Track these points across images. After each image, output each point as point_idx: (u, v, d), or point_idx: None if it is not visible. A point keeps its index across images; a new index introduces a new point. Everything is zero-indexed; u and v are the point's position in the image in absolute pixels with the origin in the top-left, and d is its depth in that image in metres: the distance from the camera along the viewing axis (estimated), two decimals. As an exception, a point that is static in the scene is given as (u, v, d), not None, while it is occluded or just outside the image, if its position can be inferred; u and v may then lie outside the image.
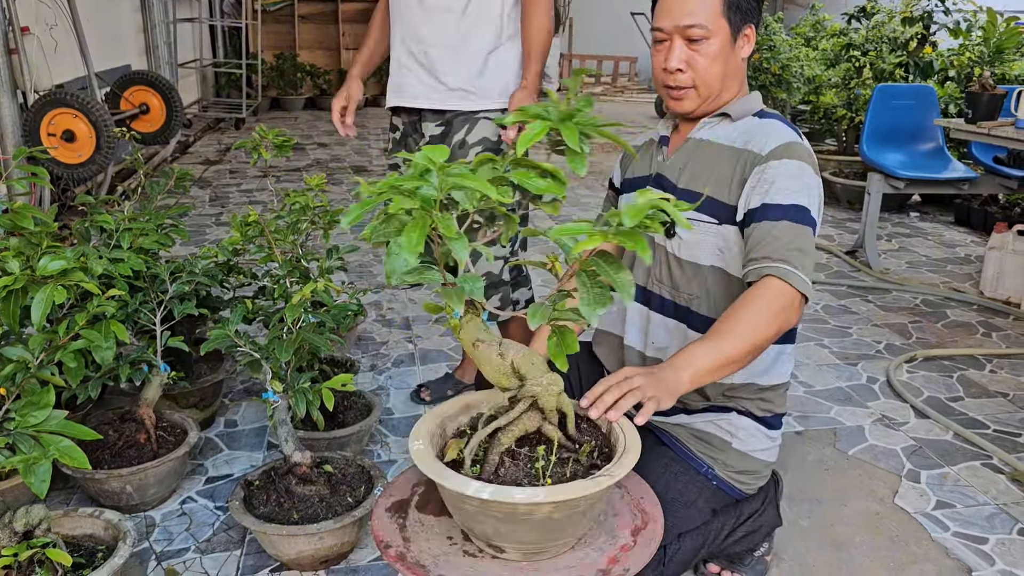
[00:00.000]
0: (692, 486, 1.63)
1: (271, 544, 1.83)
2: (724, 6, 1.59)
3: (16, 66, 3.89)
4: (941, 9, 5.45)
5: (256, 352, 1.95)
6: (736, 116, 1.67)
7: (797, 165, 1.53)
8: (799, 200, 1.50)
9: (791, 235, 1.47)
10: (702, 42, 1.59)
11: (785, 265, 1.44)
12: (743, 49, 1.65)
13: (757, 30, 1.66)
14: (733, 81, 1.66)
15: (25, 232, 2.01)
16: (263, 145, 2.52)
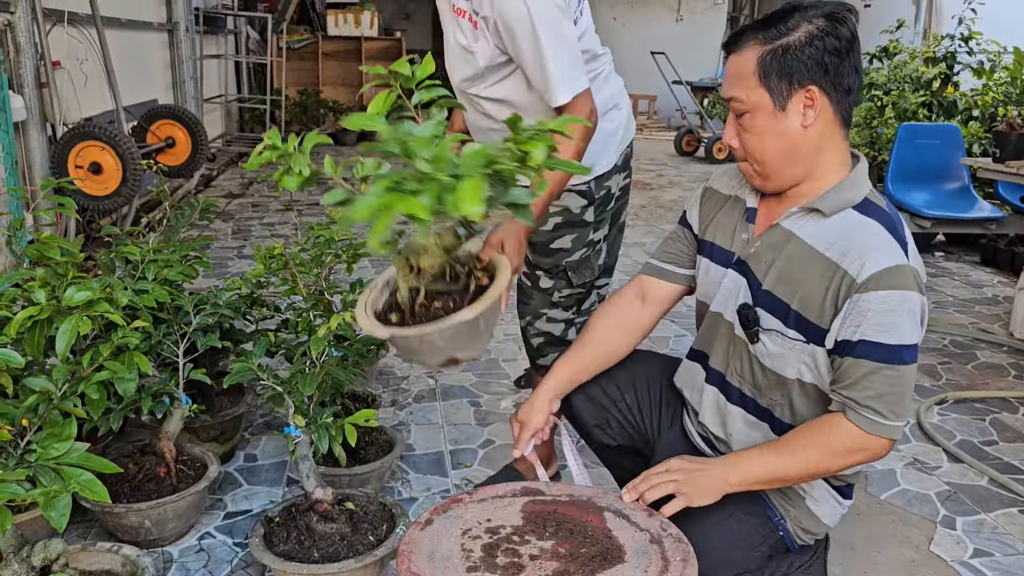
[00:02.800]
0: (762, 530, 1.57)
1: None
2: (759, 73, 1.42)
3: (47, 99, 3.95)
4: (964, 50, 5.44)
5: (279, 386, 1.93)
6: (830, 211, 1.45)
7: (898, 296, 1.36)
8: (896, 339, 1.37)
9: (881, 378, 1.39)
10: (744, 116, 1.46)
11: (869, 414, 1.40)
12: (804, 116, 1.42)
13: (837, 90, 1.42)
14: (800, 155, 1.45)
15: (51, 262, 2.01)
16: (295, 158, 2.52)
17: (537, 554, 1.37)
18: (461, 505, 1.50)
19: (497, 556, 1.35)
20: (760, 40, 1.42)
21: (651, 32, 12.70)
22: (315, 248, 2.47)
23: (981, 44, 5.48)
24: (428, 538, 1.39)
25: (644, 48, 10.97)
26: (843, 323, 1.41)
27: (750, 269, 1.56)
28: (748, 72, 1.43)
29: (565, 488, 1.57)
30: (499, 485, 1.56)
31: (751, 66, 1.42)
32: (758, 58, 1.42)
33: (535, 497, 1.53)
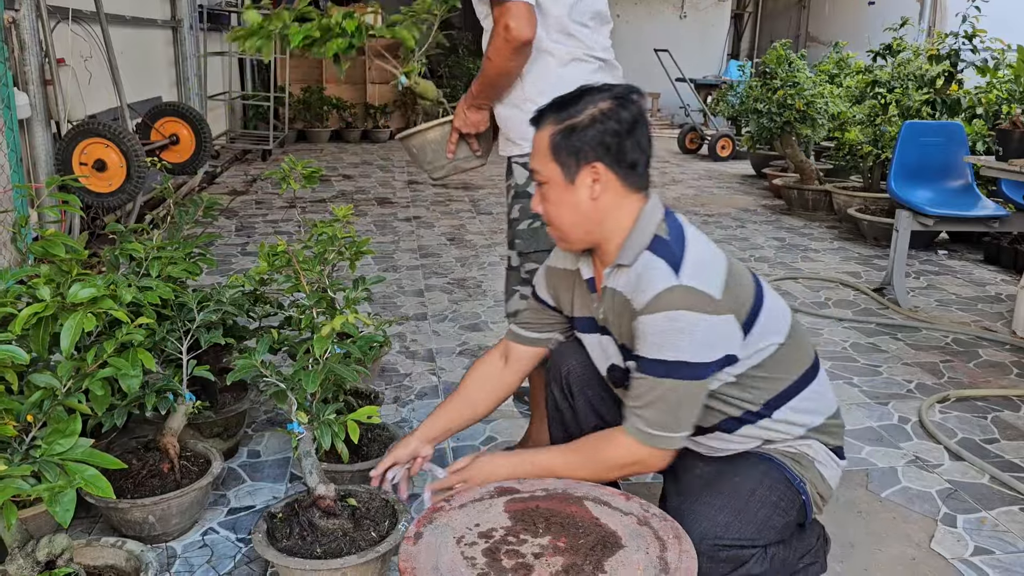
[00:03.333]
0: (789, 494, 1.66)
1: None
2: (550, 148, 1.56)
3: (51, 97, 3.96)
4: (968, 47, 5.43)
5: (282, 383, 1.94)
6: (631, 261, 1.59)
7: (664, 317, 1.50)
8: (670, 355, 1.51)
9: (654, 392, 1.53)
10: (543, 186, 1.61)
11: (642, 425, 1.55)
12: (591, 189, 1.56)
13: (620, 164, 1.55)
14: (592, 222, 1.59)
15: (56, 259, 2.02)
16: (292, 176, 2.54)
17: (539, 552, 1.38)
18: (444, 513, 1.50)
19: (501, 559, 1.35)
20: (553, 120, 1.58)
21: (654, 29, 12.69)
22: (318, 245, 2.48)
23: (985, 42, 5.46)
24: (424, 552, 1.39)
25: (647, 45, 10.97)
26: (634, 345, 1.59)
27: (608, 331, 1.73)
28: (543, 148, 1.58)
29: (537, 483, 1.61)
30: (467, 492, 1.58)
31: (545, 143, 1.58)
32: (550, 136, 1.57)
33: (512, 496, 1.56)
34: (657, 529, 1.46)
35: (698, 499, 1.60)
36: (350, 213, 2.61)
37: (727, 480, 1.64)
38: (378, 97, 10.40)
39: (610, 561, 1.37)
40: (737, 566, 1.54)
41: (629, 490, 1.99)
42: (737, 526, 1.55)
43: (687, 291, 1.50)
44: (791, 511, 1.65)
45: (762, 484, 1.63)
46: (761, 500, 1.60)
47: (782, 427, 1.70)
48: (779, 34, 12.19)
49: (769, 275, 4.72)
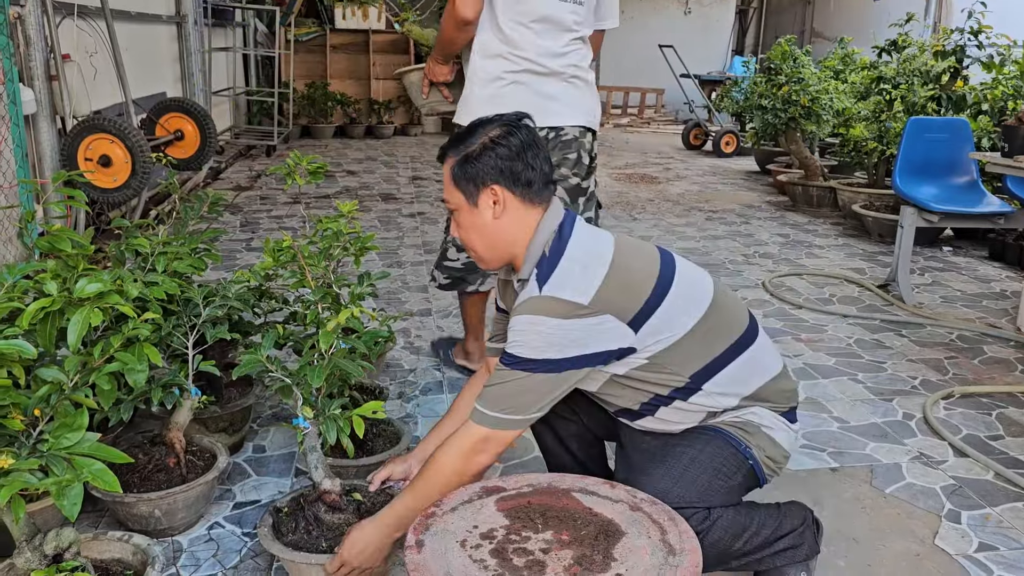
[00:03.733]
0: (732, 461, 1.74)
1: (298, 573, 1.81)
2: (452, 178, 1.75)
3: (56, 92, 3.96)
4: (974, 43, 5.41)
5: (287, 378, 1.95)
6: (527, 276, 1.73)
7: (523, 320, 1.64)
8: (521, 352, 1.64)
9: (500, 380, 1.66)
10: (454, 213, 1.78)
11: (480, 406, 1.67)
12: (492, 210, 1.73)
13: (516, 183, 1.71)
14: (500, 240, 1.75)
15: (62, 254, 2.03)
16: (297, 171, 2.54)
17: (546, 547, 1.38)
18: (437, 519, 1.50)
19: (511, 558, 1.35)
20: (452, 153, 1.76)
21: (659, 25, 12.67)
22: (323, 241, 2.48)
23: (991, 38, 5.44)
24: (432, 559, 1.37)
25: (652, 41, 10.96)
26: None
27: None
28: (447, 179, 1.76)
29: (520, 479, 1.64)
30: (455, 495, 1.61)
31: (448, 174, 1.76)
32: (450, 168, 1.75)
33: (501, 494, 1.57)
34: (650, 513, 1.51)
35: (642, 471, 1.71)
36: (355, 209, 2.61)
37: (669, 450, 1.75)
38: (382, 93, 10.39)
39: (617, 549, 1.40)
40: None
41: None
42: (677, 491, 1.65)
43: (546, 299, 1.65)
44: (736, 475, 1.74)
45: (703, 452, 1.73)
46: (702, 466, 1.71)
47: (717, 399, 1.78)
48: (784, 30, 12.17)
49: (773, 271, 4.71)
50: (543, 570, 1.32)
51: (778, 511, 1.82)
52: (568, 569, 1.33)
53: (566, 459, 2.05)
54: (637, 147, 10.25)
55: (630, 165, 8.81)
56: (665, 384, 1.75)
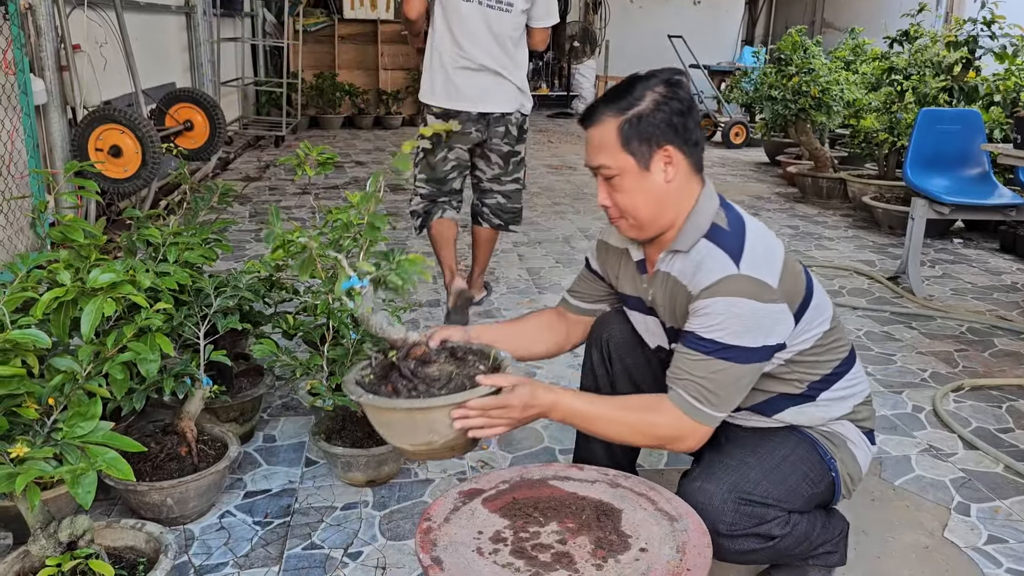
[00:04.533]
0: (818, 469, 1.71)
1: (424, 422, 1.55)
2: (622, 140, 1.59)
3: (67, 83, 3.97)
4: (987, 34, 5.37)
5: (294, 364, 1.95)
6: (687, 247, 1.65)
7: (725, 302, 1.54)
8: (722, 337, 1.55)
9: (702, 369, 1.56)
10: (614, 179, 1.62)
11: (686, 396, 1.56)
12: (665, 173, 1.61)
13: (687, 144, 1.61)
14: (666, 205, 1.64)
15: (74, 244, 2.04)
16: (307, 162, 2.55)
17: (560, 537, 1.39)
18: (438, 532, 1.42)
19: (536, 556, 1.35)
20: (614, 112, 1.60)
21: (668, 15, 12.60)
22: (333, 232, 2.49)
23: (1004, 28, 5.40)
24: (460, 572, 1.32)
25: (661, 31, 10.90)
26: (685, 323, 1.63)
27: (656, 312, 1.77)
28: (611, 140, 1.60)
29: (494, 477, 1.61)
30: (438, 504, 1.52)
31: (612, 135, 1.60)
32: (617, 127, 1.59)
33: (482, 496, 1.55)
34: (631, 487, 1.55)
35: (731, 454, 1.66)
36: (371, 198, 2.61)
37: (762, 442, 1.70)
38: (390, 83, 10.39)
39: (624, 525, 1.43)
40: (760, 523, 1.59)
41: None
42: (766, 485, 1.61)
43: (747, 280, 1.55)
44: (819, 484, 1.71)
45: (795, 452, 1.69)
46: (792, 466, 1.66)
47: (822, 410, 1.76)
48: (794, 20, 12.09)
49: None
50: (572, 560, 1.33)
51: (828, 517, 1.79)
52: (594, 554, 1.34)
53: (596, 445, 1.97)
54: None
55: (639, 156, 8.79)
56: (783, 391, 1.72)
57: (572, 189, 6.79)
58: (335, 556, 1.97)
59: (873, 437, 1.85)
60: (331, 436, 2.29)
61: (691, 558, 1.35)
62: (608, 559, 1.33)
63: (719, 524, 1.54)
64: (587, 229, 5.39)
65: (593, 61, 12.40)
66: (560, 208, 6.05)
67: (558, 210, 5.99)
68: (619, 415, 1.59)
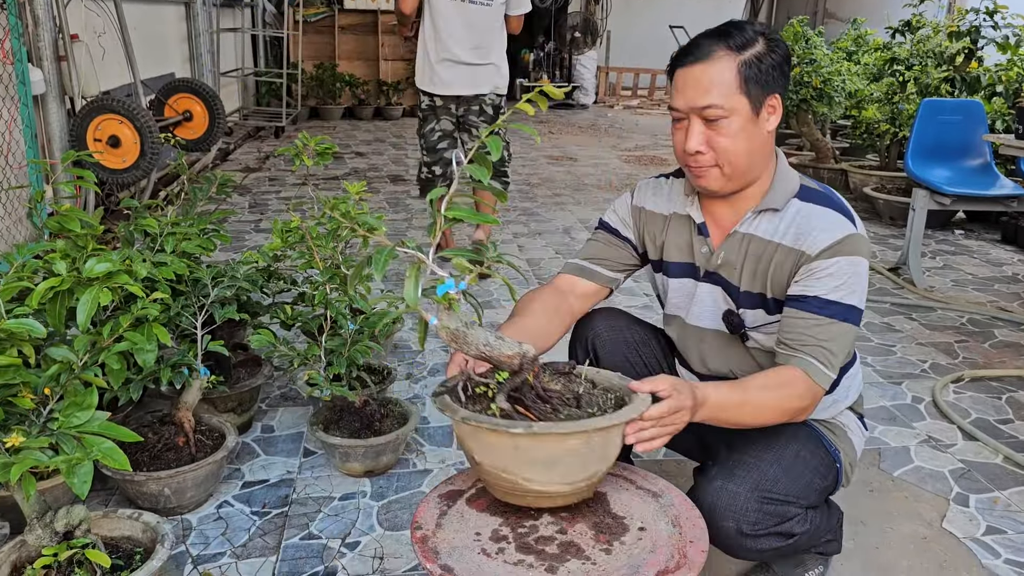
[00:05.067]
0: (826, 461, 1.69)
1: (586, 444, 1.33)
2: (741, 81, 1.49)
3: (65, 73, 3.96)
4: (989, 24, 5.34)
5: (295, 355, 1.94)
6: (781, 206, 1.59)
7: (849, 262, 1.50)
8: (846, 299, 1.50)
9: (830, 333, 1.50)
10: (720, 121, 1.51)
11: (816, 362, 1.51)
12: (769, 121, 1.55)
13: (784, 97, 1.57)
14: (761, 156, 1.57)
15: (71, 234, 2.03)
16: (305, 152, 2.54)
17: (559, 527, 1.37)
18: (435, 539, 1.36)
19: (543, 549, 1.32)
20: (729, 50, 1.50)
21: (670, 5, 12.55)
22: (332, 222, 2.48)
23: (1007, 18, 5.37)
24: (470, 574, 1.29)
25: (663, 21, 10.86)
26: (798, 283, 1.54)
27: (722, 278, 1.69)
28: (727, 79, 1.49)
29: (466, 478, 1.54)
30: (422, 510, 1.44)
31: (730, 74, 1.49)
32: (737, 66, 1.49)
33: (465, 496, 1.49)
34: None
35: (747, 451, 1.60)
36: (363, 190, 2.61)
37: (774, 438, 1.63)
38: (391, 74, 10.35)
39: (614, 507, 1.42)
40: (782, 521, 1.56)
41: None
42: (785, 482, 1.57)
43: (864, 239, 1.53)
44: (828, 477, 1.69)
45: (805, 447, 1.66)
46: (805, 462, 1.63)
47: (838, 397, 1.76)
48: (796, 11, 12.04)
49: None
50: (580, 549, 1.31)
51: (829, 509, 1.77)
52: (597, 539, 1.33)
53: None
54: (647, 129, 10.19)
55: (640, 147, 8.77)
56: None
57: (573, 180, 6.78)
58: (332, 546, 1.97)
59: (865, 422, 1.86)
60: (329, 426, 2.28)
61: (689, 530, 1.36)
62: (613, 543, 1.33)
63: (743, 524, 1.50)
64: (587, 220, 5.38)
65: (594, 52, 12.36)
66: (561, 199, 6.04)
67: (559, 201, 5.97)
68: (762, 398, 1.50)
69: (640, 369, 1.86)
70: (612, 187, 6.55)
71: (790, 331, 1.54)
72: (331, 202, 2.53)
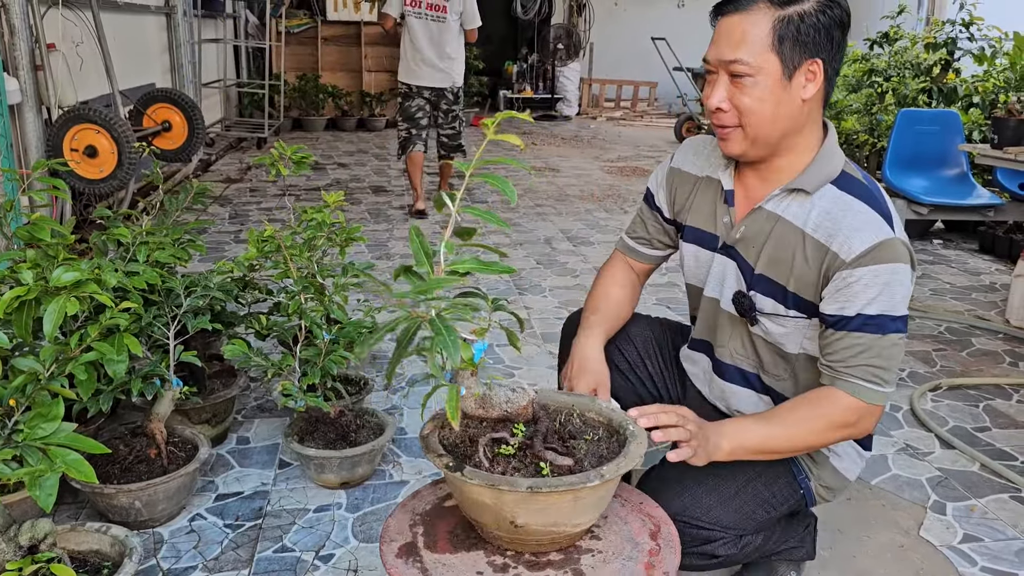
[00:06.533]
0: (787, 490, 1.60)
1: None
2: (774, 38, 1.36)
3: (42, 82, 3.93)
4: (966, 35, 5.41)
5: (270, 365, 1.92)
6: (813, 189, 1.45)
7: (889, 270, 1.37)
8: (885, 310, 1.38)
9: (873, 349, 1.40)
10: (745, 79, 1.39)
11: (860, 382, 1.41)
12: (805, 89, 1.40)
13: (832, 67, 1.41)
14: (793, 127, 1.44)
15: (42, 244, 2.01)
16: (282, 161, 2.53)
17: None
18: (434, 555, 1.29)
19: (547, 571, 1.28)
20: (771, 3, 1.37)
21: (653, 17, 12.63)
22: (308, 231, 2.46)
23: (983, 30, 5.44)
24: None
25: (645, 33, 10.92)
26: (834, 296, 1.42)
27: (738, 253, 1.57)
28: (760, 35, 1.37)
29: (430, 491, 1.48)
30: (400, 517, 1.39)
31: (764, 30, 1.37)
32: (773, 22, 1.36)
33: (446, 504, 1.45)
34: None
35: (687, 472, 1.47)
36: (341, 199, 2.60)
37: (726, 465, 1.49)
38: (374, 85, 10.35)
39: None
40: (702, 543, 1.51)
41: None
42: (718, 512, 1.51)
43: (904, 246, 1.40)
44: (782, 506, 1.60)
45: (760, 477, 1.56)
46: (752, 493, 1.55)
47: None
48: (777, 23, 12.12)
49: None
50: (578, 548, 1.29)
51: (792, 520, 1.72)
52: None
53: None
54: (630, 140, 10.23)
55: (623, 158, 8.79)
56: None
57: (555, 191, 6.78)
58: (306, 559, 1.95)
59: (869, 442, 1.70)
60: (304, 438, 2.26)
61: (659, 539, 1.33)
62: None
63: None
64: (569, 231, 5.38)
65: (577, 63, 12.41)
66: (542, 210, 6.04)
67: (540, 212, 5.97)
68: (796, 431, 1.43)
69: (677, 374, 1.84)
70: (594, 198, 6.56)
71: (833, 353, 1.44)
72: (308, 212, 2.52)
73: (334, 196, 2.59)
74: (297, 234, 2.43)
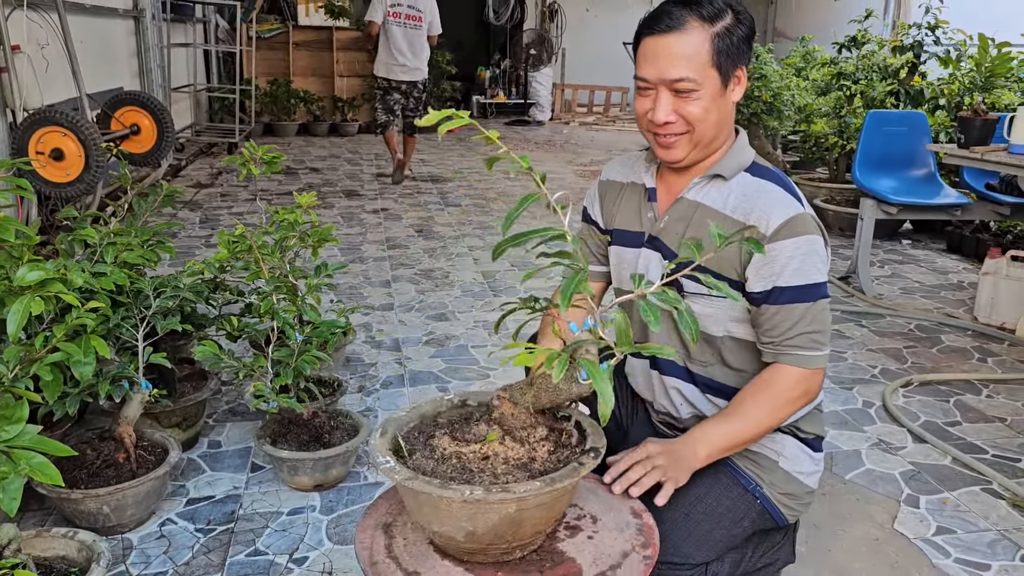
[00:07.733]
0: (741, 503, 1.56)
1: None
2: (713, 54, 1.46)
3: (6, 84, 3.86)
4: (932, 39, 5.49)
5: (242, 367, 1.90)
6: (730, 175, 1.55)
7: (805, 241, 1.46)
8: (809, 278, 1.47)
9: (807, 317, 1.47)
10: (692, 93, 1.47)
11: (802, 351, 1.48)
12: (734, 93, 1.53)
13: (747, 68, 1.55)
14: (726, 127, 1.56)
15: (6, 245, 1.96)
16: (252, 162, 2.50)
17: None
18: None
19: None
20: (702, 21, 1.45)
21: (624, 23, 12.70)
22: (279, 232, 2.44)
23: (948, 33, 5.53)
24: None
25: (616, 39, 10.99)
26: (757, 274, 1.49)
27: (663, 243, 1.63)
28: (700, 52, 1.45)
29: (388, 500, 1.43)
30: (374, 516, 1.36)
31: (703, 47, 1.45)
32: (710, 39, 1.45)
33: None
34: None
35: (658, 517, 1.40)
36: (314, 201, 2.57)
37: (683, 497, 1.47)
38: (346, 90, 10.30)
39: None
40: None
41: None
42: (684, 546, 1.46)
43: (814, 220, 1.51)
44: (743, 520, 1.55)
45: (710, 492, 1.53)
46: (704, 511, 1.51)
47: None
48: (747, 28, 12.24)
49: (736, 265, 4.73)
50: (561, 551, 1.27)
51: (765, 534, 1.64)
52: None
53: None
54: (602, 144, 10.26)
55: (595, 162, 8.82)
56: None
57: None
58: (279, 562, 1.92)
59: (819, 444, 1.66)
60: (276, 440, 2.23)
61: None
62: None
63: None
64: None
65: (550, 69, 12.44)
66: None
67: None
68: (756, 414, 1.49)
69: None
70: (567, 201, 6.56)
71: (771, 329, 1.50)
72: (280, 213, 2.50)
73: (307, 197, 2.57)
74: (269, 234, 2.41)
